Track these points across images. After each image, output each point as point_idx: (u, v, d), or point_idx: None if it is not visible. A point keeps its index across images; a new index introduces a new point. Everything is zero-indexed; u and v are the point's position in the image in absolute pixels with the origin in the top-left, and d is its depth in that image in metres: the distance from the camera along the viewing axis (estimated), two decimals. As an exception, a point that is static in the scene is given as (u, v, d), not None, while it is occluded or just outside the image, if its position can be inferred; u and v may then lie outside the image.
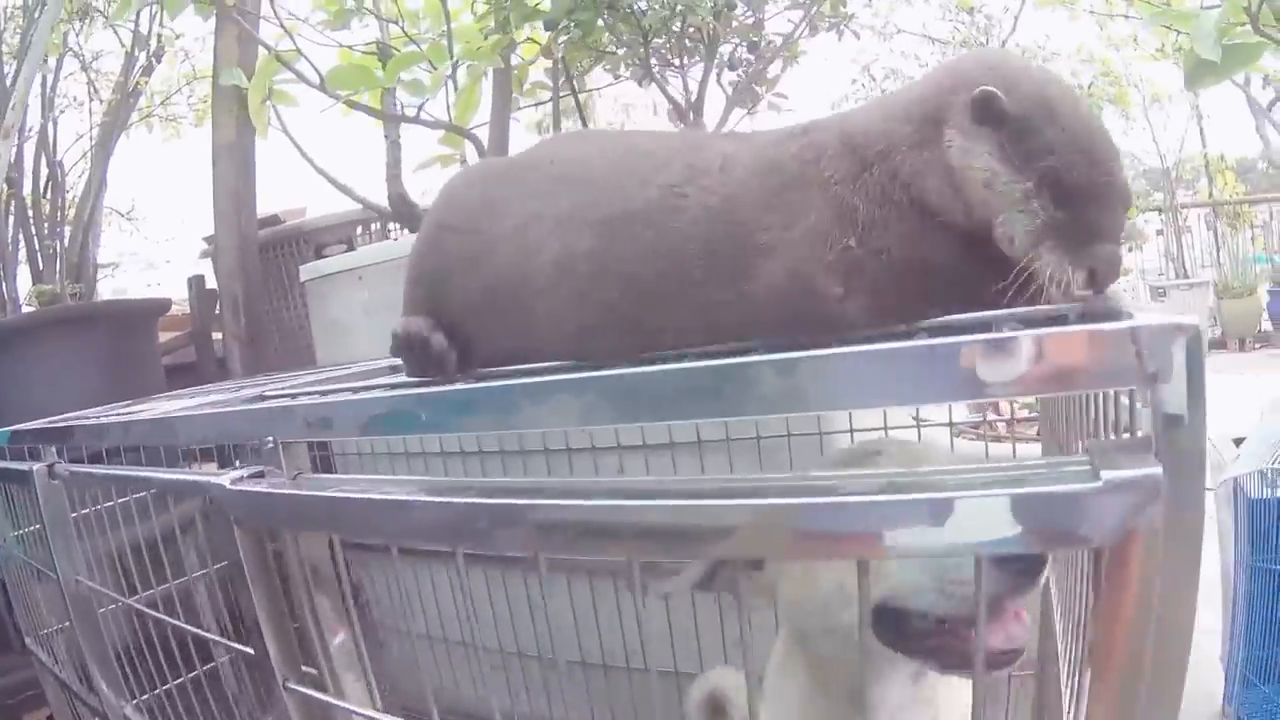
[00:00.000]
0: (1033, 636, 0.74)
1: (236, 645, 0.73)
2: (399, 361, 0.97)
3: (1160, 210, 6.48)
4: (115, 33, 2.91)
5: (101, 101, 2.98)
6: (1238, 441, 1.62)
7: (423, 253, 0.77)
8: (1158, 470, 0.32)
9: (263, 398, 0.85)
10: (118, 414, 0.75)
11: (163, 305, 2.33)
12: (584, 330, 0.63)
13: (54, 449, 1.03)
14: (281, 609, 0.62)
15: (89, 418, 0.94)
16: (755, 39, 1.60)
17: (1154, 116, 6.29)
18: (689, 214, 0.59)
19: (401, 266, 1.58)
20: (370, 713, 0.60)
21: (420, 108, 1.69)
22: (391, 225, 2.37)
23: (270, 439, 0.58)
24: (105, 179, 2.68)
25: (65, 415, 1.13)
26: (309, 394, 0.75)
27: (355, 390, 0.75)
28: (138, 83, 2.83)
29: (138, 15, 2.66)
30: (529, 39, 1.72)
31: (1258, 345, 5.73)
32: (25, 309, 2.38)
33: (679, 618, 1.13)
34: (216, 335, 2.45)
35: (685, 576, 0.70)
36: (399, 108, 1.81)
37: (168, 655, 0.97)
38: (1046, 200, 0.51)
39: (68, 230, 2.57)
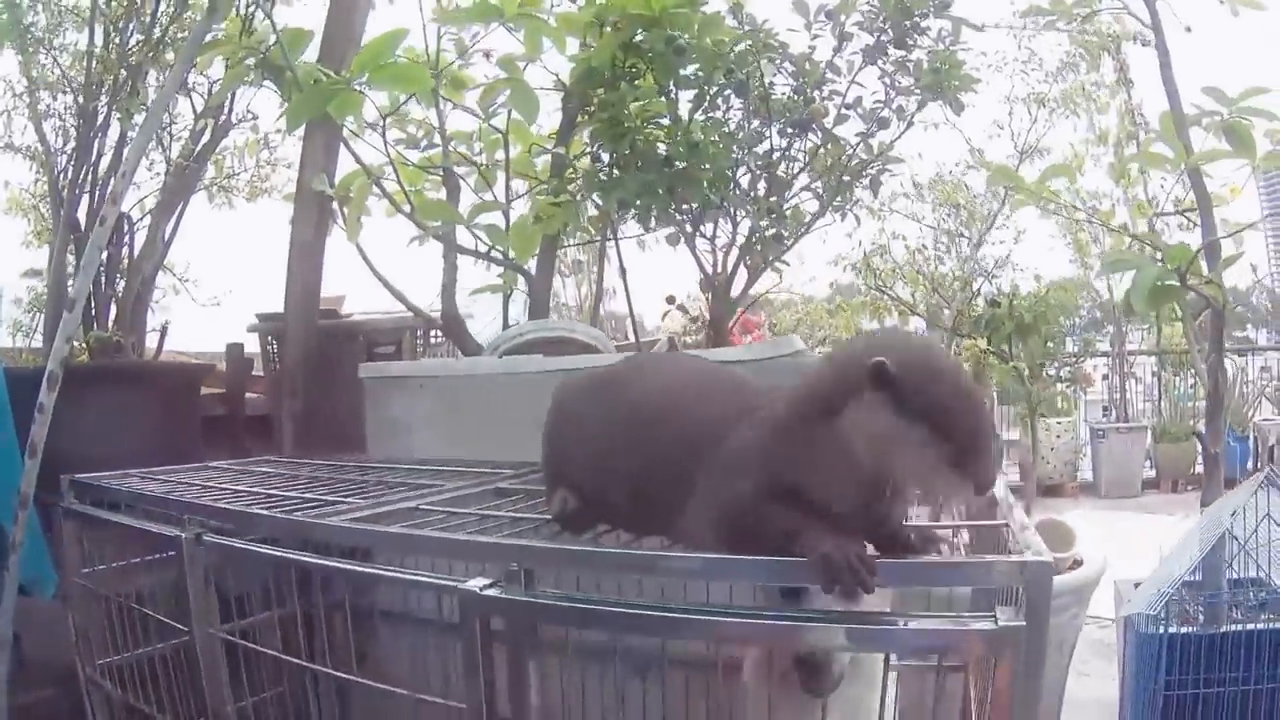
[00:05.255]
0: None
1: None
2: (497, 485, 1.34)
3: (1107, 355, 6.90)
4: (190, 98, 3.14)
5: (169, 163, 3.19)
6: (1138, 585, 1.95)
7: (553, 435, 1.11)
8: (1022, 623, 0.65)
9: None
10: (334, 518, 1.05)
11: (209, 369, 2.59)
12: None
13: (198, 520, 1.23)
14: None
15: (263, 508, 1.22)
16: (776, 217, 1.97)
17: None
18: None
19: (459, 384, 1.83)
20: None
21: (491, 248, 2.02)
22: (434, 335, 2.59)
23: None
24: (168, 240, 2.84)
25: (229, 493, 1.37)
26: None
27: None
28: (209, 154, 3.05)
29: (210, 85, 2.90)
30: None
31: (1190, 486, 5.98)
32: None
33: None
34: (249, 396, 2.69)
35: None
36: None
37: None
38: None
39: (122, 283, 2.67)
